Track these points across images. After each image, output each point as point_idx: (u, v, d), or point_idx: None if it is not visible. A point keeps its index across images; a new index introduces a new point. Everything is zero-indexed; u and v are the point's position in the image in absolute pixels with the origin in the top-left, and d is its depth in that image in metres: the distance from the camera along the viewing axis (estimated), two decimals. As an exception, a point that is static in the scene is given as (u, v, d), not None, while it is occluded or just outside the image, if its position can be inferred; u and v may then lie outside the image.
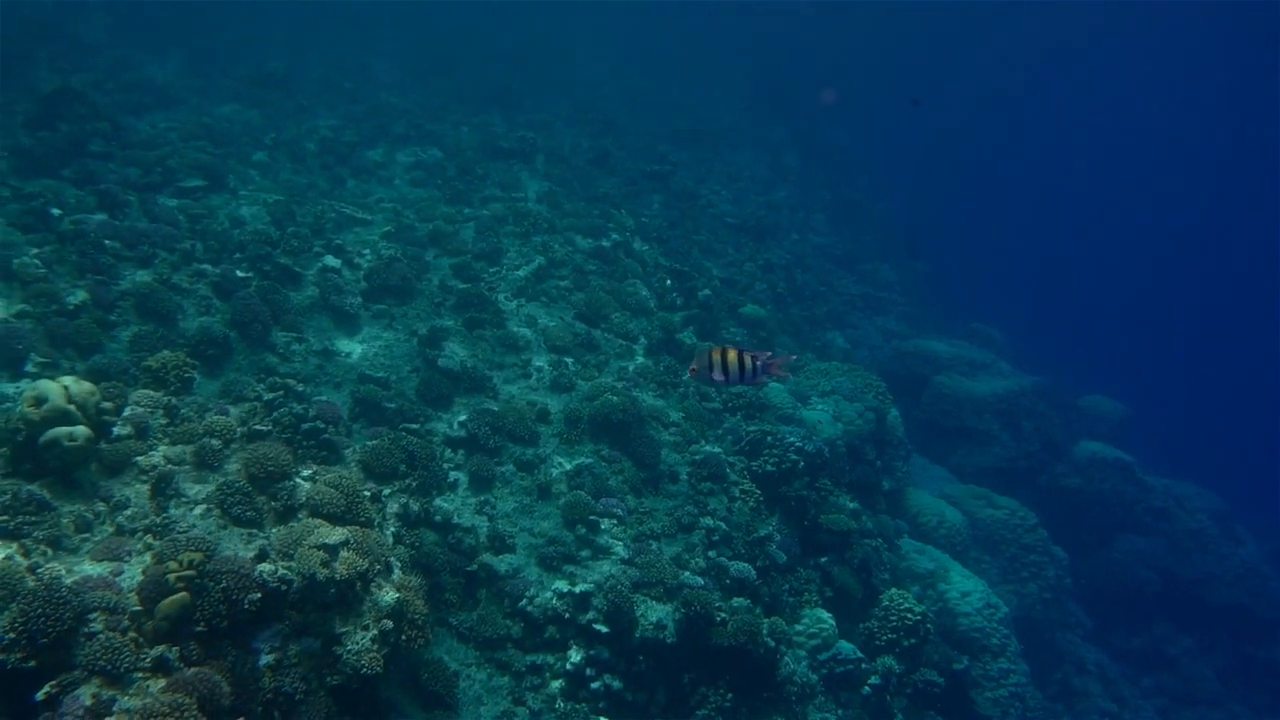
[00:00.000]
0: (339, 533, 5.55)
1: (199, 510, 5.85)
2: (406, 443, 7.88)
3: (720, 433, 10.96)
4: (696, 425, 10.68)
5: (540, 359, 10.79)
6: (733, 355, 5.55)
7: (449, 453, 8.93)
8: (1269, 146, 46.33)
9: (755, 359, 5.57)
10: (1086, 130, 60.49)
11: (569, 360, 10.87)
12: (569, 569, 8.24)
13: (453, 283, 11.49)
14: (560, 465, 9.34)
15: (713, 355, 5.57)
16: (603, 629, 7.75)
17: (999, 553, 15.42)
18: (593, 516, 8.66)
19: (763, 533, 9.66)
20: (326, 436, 7.25)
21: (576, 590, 7.91)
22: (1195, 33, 41.15)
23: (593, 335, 11.48)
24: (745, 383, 5.73)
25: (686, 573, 8.57)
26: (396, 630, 5.57)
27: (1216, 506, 19.62)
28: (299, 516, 6.04)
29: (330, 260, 10.79)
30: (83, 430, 5.54)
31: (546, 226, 13.69)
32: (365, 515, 6.23)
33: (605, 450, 9.66)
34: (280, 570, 5.28)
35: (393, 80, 22.99)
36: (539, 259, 12.58)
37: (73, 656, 4.55)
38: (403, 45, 26.93)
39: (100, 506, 5.65)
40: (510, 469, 9.08)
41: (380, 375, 9.46)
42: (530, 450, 9.36)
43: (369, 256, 11.26)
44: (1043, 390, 19.38)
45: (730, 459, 10.35)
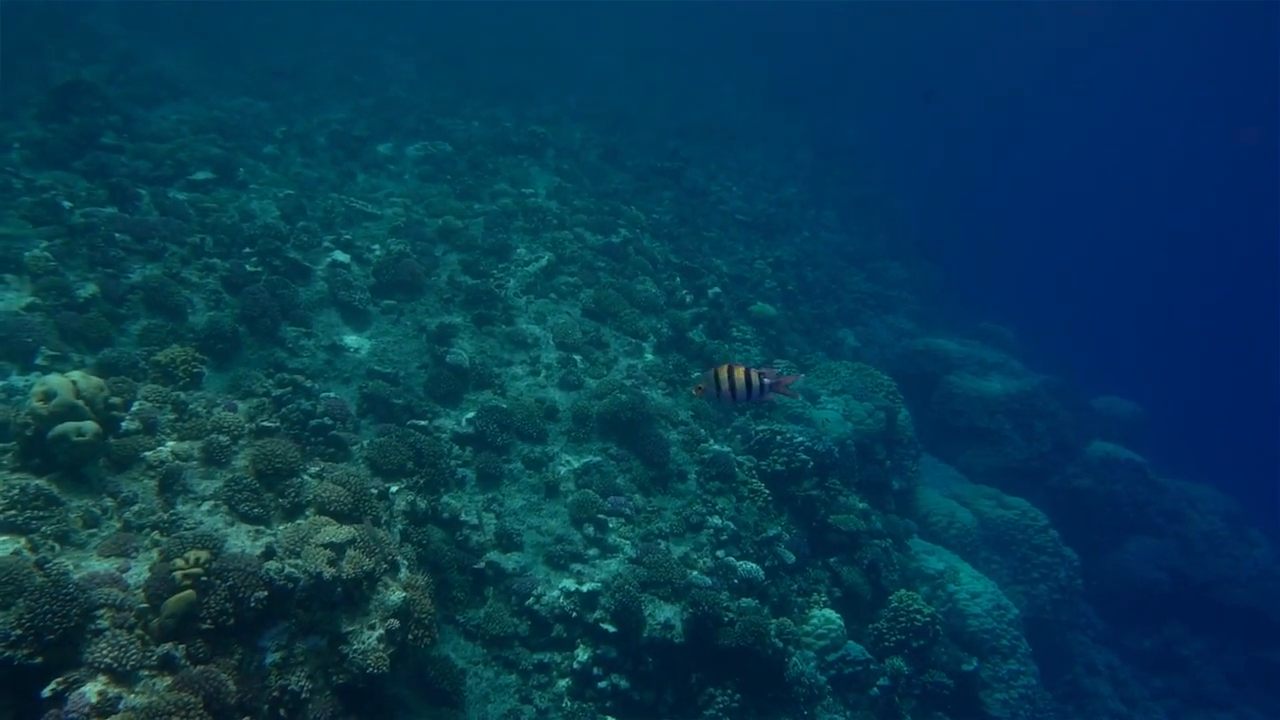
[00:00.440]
0: (345, 531, 5.52)
1: (206, 506, 5.84)
2: (414, 440, 7.85)
3: (729, 431, 10.90)
4: (705, 424, 10.63)
5: (549, 356, 10.75)
6: (740, 373, 5.43)
7: (456, 450, 8.90)
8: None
9: (763, 377, 5.46)
10: (1099, 128, 59.98)
11: (578, 357, 10.83)
12: (576, 568, 8.21)
13: (462, 279, 11.46)
14: (568, 463, 9.30)
15: (719, 374, 5.45)
16: (610, 628, 7.72)
17: (1010, 553, 15.32)
18: (601, 515, 8.63)
19: (771, 532, 9.60)
20: (334, 433, 7.23)
21: (584, 589, 7.88)
22: (1204, 28, 40.71)
23: (601, 332, 11.43)
24: (752, 401, 5.62)
25: (694, 572, 8.52)
26: (403, 629, 5.55)
27: (1230, 509, 19.43)
28: (306, 514, 6.02)
29: (339, 255, 10.77)
30: (91, 425, 5.53)
31: (556, 222, 13.63)
32: (372, 513, 6.21)
33: (614, 448, 9.61)
34: (287, 568, 5.26)
35: (404, 73, 22.98)
36: (548, 255, 12.53)
37: (79, 653, 4.54)
38: (414, 38, 26.90)
39: (108, 502, 5.64)
40: (518, 466, 9.05)
41: (388, 371, 9.44)
42: (538, 448, 9.33)
43: (378, 252, 11.23)
44: (1055, 390, 19.22)
45: (739, 458, 10.29)
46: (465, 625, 7.71)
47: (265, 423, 6.74)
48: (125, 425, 6.08)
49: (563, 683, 7.64)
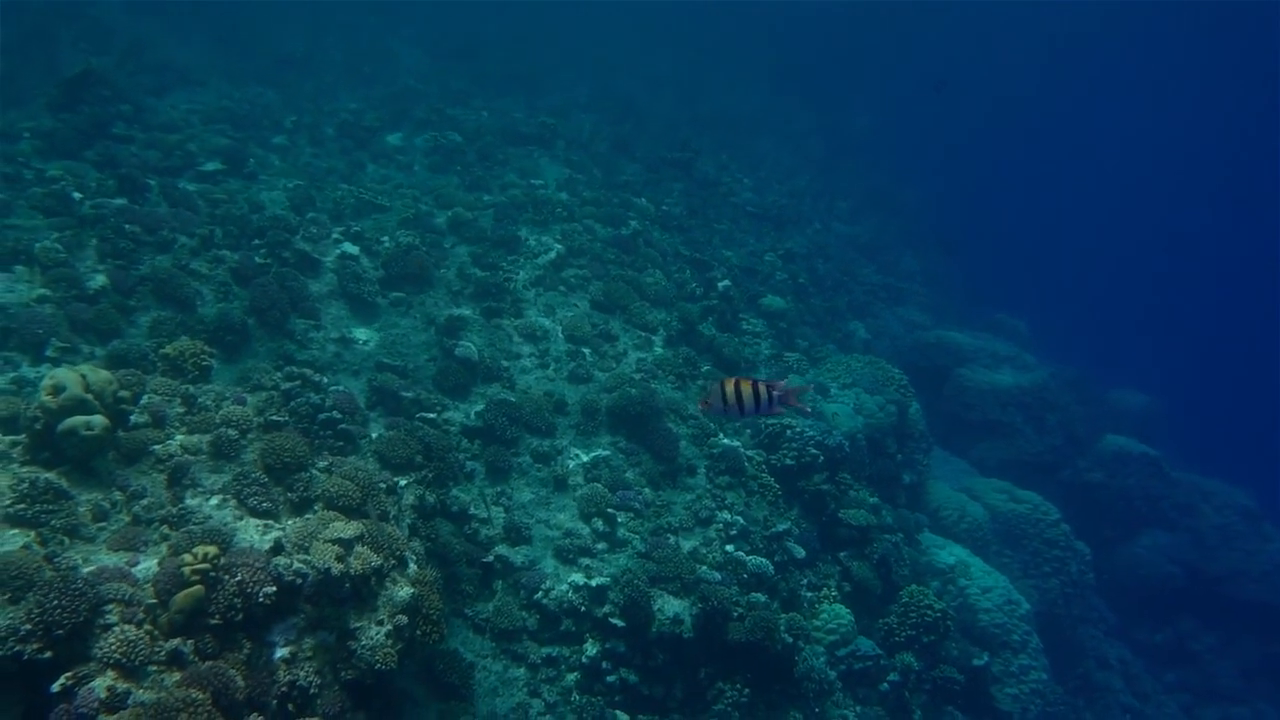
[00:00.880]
0: (354, 527, 5.50)
1: (215, 501, 5.83)
2: (423, 434, 7.83)
3: (739, 426, 10.84)
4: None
5: (558, 349, 10.70)
6: (746, 386, 5.29)
7: (465, 442, 8.88)
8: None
9: (771, 389, 5.32)
10: (1111, 119, 59.31)
11: (587, 350, 10.78)
12: (585, 562, 8.18)
13: (471, 271, 11.41)
14: (577, 457, 9.27)
15: (725, 387, 5.31)
16: (619, 623, 7.69)
17: (1021, 547, 15.22)
18: (610, 509, 8.59)
19: (781, 527, 9.55)
20: (343, 427, 7.21)
21: (593, 584, 7.86)
22: (1212, 22, 40.13)
23: (611, 325, 11.37)
24: (760, 414, 5.48)
25: (704, 567, 8.49)
26: (411, 625, 5.53)
27: (1244, 503, 19.26)
28: (315, 508, 6.01)
29: (349, 247, 10.74)
30: (100, 419, 5.52)
31: (565, 214, 13.57)
32: (380, 508, 6.19)
33: (623, 442, 9.57)
34: (295, 564, 5.24)
35: (414, 63, 22.89)
36: (558, 247, 12.47)
37: (88, 648, 4.53)
38: (424, 28, 26.79)
39: (117, 496, 5.64)
40: (527, 460, 9.02)
41: (397, 364, 9.42)
42: (547, 441, 9.30)
43: (387, 244, 11.19)
44: (1068, 383, 19.09)
45: (749, 453, 10.24)
46: (474, 619, 7.70)
47: (274, 417, 6.72)
48: (134, 419, 6.07)
49: (571, 677, 7.62)
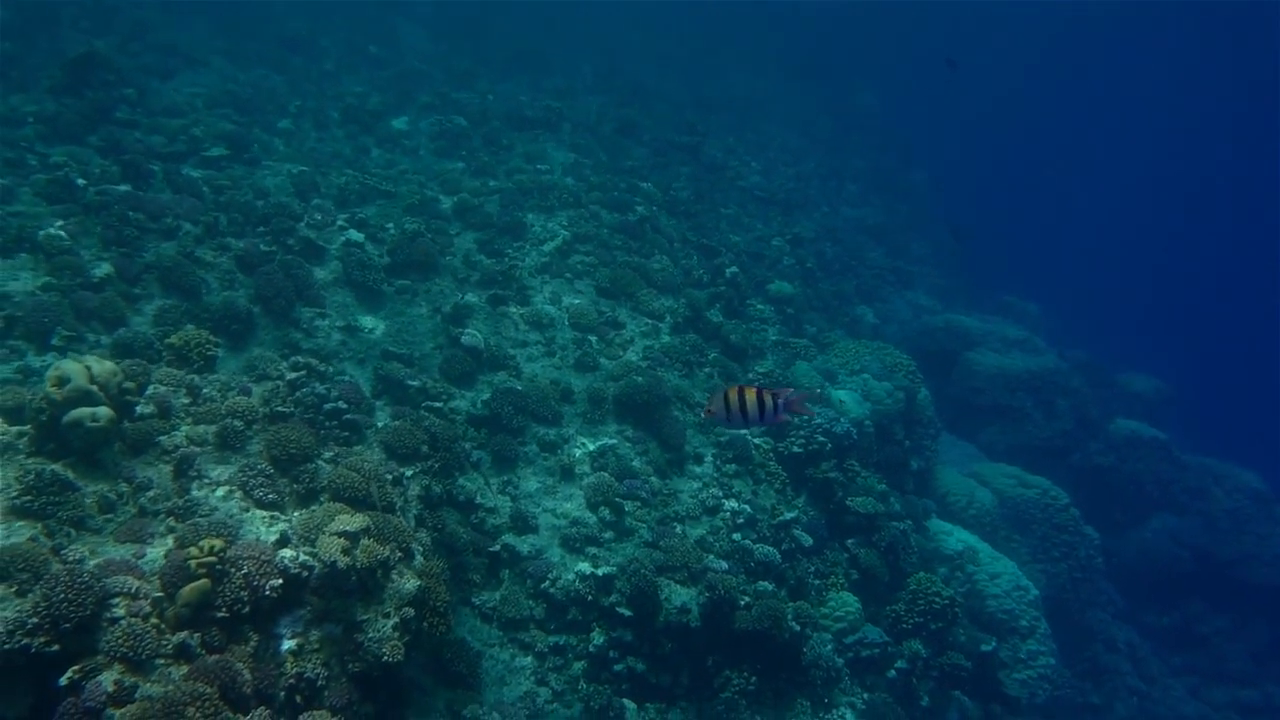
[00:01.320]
0: (360, 519, 5.49)
1: (221, 492, 5.82)
2: (429, 424, 7.80)
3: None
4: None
5: (564, 336, 10.65)
6: (751, 394, 5.23)
7: (471, 431, 8.86)
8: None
9: (776, 397, 5.26)
10: (1124, 104, 58.56)
11: (593, 338, 10.72)
12: (592, 551, 8.18)
13: (477, 258, 11.35)
14: (584, 445, 9.24)
15: (729, 396, 5.26)
16: (626, 612, 7.69)
17: (1030, 532, 15.17)
18: (616, 498, 8.57)
19: (788, 515, 9.52)
20: (349, 417, 7.19)
21: (599, 573, 7.85)
22: (1221, 17, 39.47)
23: (617, 312, 11.30)
24: (765, 423, 5.41)
25: (711, 556, 8.47)
26: (418, 618, 5.53)
27: (1256, 487, 19.17)
28: (321, 500, 6.00)
29: (354, 234, 10.68)
30: (105, 411, 5.51)
31: (572, 200, 13.45)
32: (386, 499, 6.17)
33: (629, 431, 9.54)
34: (302, 556, 5.24)
35: (418, 44, 22.68)
36: (564, 233, 12.38)
37: (96, 641, 4.54)
38: (429, 8, 26.52)
39: (123, 487, 5.63)
40: (533, 449, 9.00)
41: (403, 352, 9.38)
42: (554, 430, 9.27)
43: (392, 230, 11.13)
44: (1078, 366, 18.95)
45: (756, 441, 10.19)
46: (481, 608, 7.71)
47: (280, 407, 6.71)
48: (140, 409, 6.06)
49: (579, 665, 7.64)
